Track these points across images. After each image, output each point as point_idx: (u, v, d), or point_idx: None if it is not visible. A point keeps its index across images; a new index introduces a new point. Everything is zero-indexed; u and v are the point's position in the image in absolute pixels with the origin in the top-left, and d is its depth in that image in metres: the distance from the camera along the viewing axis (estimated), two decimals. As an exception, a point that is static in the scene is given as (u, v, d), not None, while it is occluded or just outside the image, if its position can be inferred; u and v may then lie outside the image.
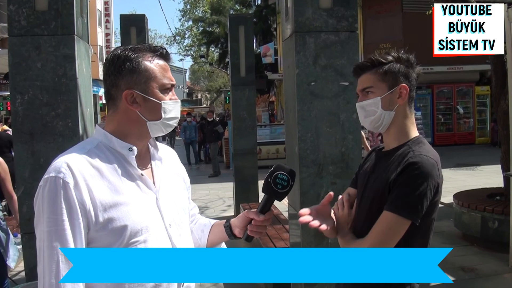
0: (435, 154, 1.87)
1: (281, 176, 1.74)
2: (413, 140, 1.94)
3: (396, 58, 1.96)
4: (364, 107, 2.00)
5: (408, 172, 1.80)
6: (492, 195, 7.28)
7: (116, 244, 1.50)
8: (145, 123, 1.63)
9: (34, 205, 1.53)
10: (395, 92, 1.94)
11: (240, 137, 9.19)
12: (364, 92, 1.99)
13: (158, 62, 1.64)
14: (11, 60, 3.58)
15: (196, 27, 33.62)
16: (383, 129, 2.00)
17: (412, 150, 1.87)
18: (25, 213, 3.61)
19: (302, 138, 3.72)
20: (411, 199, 1.78)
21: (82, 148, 1.60)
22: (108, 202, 1.51)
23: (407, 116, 1.98)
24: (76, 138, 3.63)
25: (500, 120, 7.02)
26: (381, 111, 1.95)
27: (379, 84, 1.95)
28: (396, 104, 1.95)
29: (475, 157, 16.40)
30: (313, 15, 3.70)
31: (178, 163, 1.90)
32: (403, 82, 1.94)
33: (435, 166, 1.81)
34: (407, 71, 1.95)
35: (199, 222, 1.99)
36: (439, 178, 1.83)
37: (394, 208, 1.80)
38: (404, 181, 1.80)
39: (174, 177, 1.81)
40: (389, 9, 20.11)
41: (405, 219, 1.78)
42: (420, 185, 1.77)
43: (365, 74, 1.98)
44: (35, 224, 1.52)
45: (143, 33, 8.82)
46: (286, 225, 6.01)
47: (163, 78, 1.63)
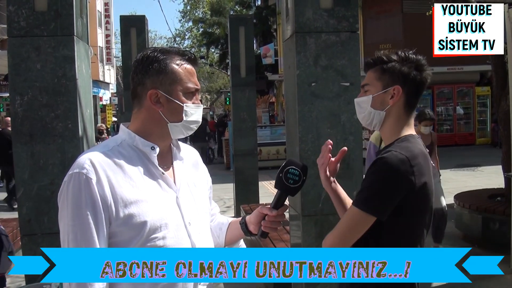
0: (412, 150, 1.81)
1: (292, 171, 1.75)
2: (401, 138, 1.90)
3: (402, 59, 1.91)
4: (359, 103, 2.01)
5: (373, 167, 1.80)
6: (493, 196, 7.26)
7: (135, 239, 1.56)
8: (166, 124, 1.68)
9: (58, 200, 1.58)
10: (388, 93, 1.91)
11: (240, 138, 9.18)
12: (363, 89, 2.00)
13: (186, 66, 1.70)
14: (10, 61, 3.56)
15: (196, 28, 33.68)
16: (376, 127, 1.99)
17: (393, 147, 1.85)
18: (24, 214, 3.60)
19: (303, 139, 3.71)
20: (372, 193, 1.78)
21: (105, 145, 1.66)
22: (129, 198, 1.56)
23: (401, 119, 1.94)
24: (75, 139, 3.62)
25: (501, 120, 7.01)
26: (370, 109, 1.94)
27: (375, 82, 1.94)
28: (387, 104, 1.91)
29: (475, 157, 16.38)
30: (313, 16, 3.69)
31: (200, 163, 1.94)
32: (400, 84, 1.90)
33: (404, 161, 1.76)
34: (409, 73, 1.90)
35: (217, 221, 2.04)
36: (413, 175, 1.77)
37: (355, 202, 1.81)
38: (367, 176, 1.82)
39: (195, 176, 1.85)
40: (389, 10, 20.11)
41: (366, 213, 1.77)
42: (382, 180, 1.76)
43: (368, 71, 1.98)
44: (59, 218, 1.57)
45: (143, 34, 8.82)
46: (286, 226, 5.99)
47: (188, 82, 1.69)
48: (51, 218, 3.51)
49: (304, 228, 3.73)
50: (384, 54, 1.95)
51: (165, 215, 1.62)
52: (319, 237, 3.65)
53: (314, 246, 3.71)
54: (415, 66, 1.91)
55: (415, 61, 1.92)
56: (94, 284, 1.50)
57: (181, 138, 1.79)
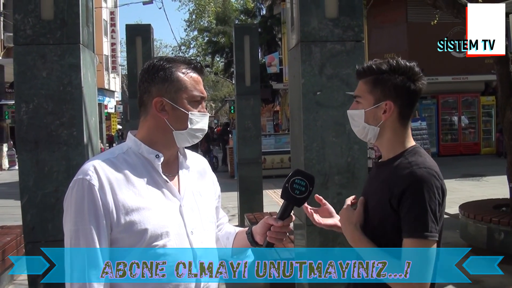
0: (432, 164, 1.78)
1: (298, 182, 1.74)
2: (409, 151, 1.84)
3: (393, 68, 1.82)
4: (351, 116, 1.94)
5: (413, 190, 1.70)
6: (498, 206, 7.23)
7: (136, 246, 1.57)
8: (172, 131, 1.69)
9: (64, 204, 1.61)
10: (380, 108, 1.83)
11: (244, 146, 9.17)
12: (355, 99, 1.92)
13: (191, 75, 1.71)
14: (16, 69, 3.58)
15: (201, 37, 33.73)
16: (372, 141, 1.93)
17: (409, 162, 1.78)
18: (29, 221, 3.59)
19: (308, 148, 3.70)
20: (427, 218, 1.68)
21: (111, 153, 1.69)
22: (130, 205, 1.58)
23: (398, 131, 1.87)
24: (80, 147, 3.62)
25: (506, 130, 6.99)
26: (364, 124, 1.87)
27: (366, 95, 1.86)
28: (380, 120, 1.85)
29: (480, 167, 16.31)
30: (319, 25, 3.69)
31: (208, 172, 1.94)
32: (391, 98, 1.82)
33: (435, 176, 1.73)
34: (403, 84, 1.81)
35: (225, 230, 2.05)
36: (444, 189, 1.76)
37: (416, 233, 1.68)
38: (411, 202, 1.70)
39: (201, 185, 1.85)
40: (394, 19, 20.14)
41: (433, 240, 1.68)
42: (428, 201, 1.68)
43: (360, 80, 1.91)
44: (63, 222, 1.60)
45: (148, 42, 8.85)
46: (291, 236, 5.98)
47: (194, 90, 1.70)
48: (55, 225, 3.51)
49: (308, 237, 3.71)
50: (375, 64, 1.85)
51: (166, 223, 1.62)
52: (323, 247, 3.63)
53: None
54: (408, 76, 1.82)
55: (408, 70, 1.82)
56: (93, 284, 1.52)
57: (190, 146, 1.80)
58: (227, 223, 2.10)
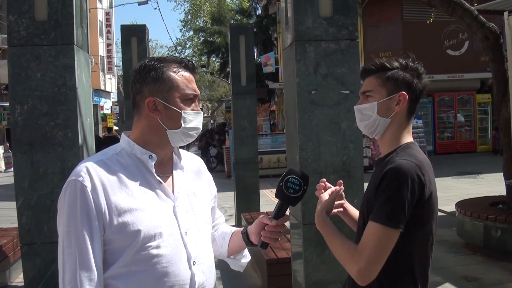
0: (419, 158, 1.81)
1: (292, 180, 1.73)
2: (402, 146, 1.90)
3: (403, 66, 1.92)
4: (361, 110, 1.98)
5: (387, 180, 1.74)
6: (495, 204, 7.25)
7: (129, 247, 1.56)
8: (165, 131, 1.69)
9: (58, 205, 1.61)
10: (393, 99, 1.90)
11: (241, 146, 9.17)
12: (364, 96, 1.97)
13: (183, 73, 1.70)
14: (10, 70, 3.56)
15: (197, 37, 33.72)
16: (378, 135, 1.96)
17: (397, 154, 1.84)
18: (24, 223, 3.58)
19: (303, 147, 3.70)
20: (393, 206, 1.70)
21: (104, 154, 1.68)
22: (123, 206, 1.57)
23: (403, 125, 1.94)
24: (75, 148, 3.61)
25: (502, 128, 7.00)
26: (376, 116, 1.92)
27: (379, 89, 1.92)
28: (393, 111, 1.91)
29: (477, 165, 16.35)
30: (313, 24, 3.69)
31: (204, 172, 1.94)
32: (404, 90, 1.90)
33: (415, 168, 1.74)
34: (411, 80, 1.91)
35: (221, 230, 2.05)
36: (425, 182, 1.75)
37: (377, 218, 1.72)
38: (384, 188, 1.74)
39: (196, 186, 1.84)
40: (389, 18, 20.16)
41: (393, 229, 1.70)
42: (399, 190, 1.70)
43: (368, 77, 1.96)
44: (57, 223, 1.60)
45: (144, 43, 8.85)
46: (287, 235, 5.98)
47: (186, 88, 1.69)
48: (50, 227, 3.50)
49: (305, 236, 3.71)
50: (386, 61, 1.95)
51: (160, 224, 1.61)
52: (320, 246, 3.63)
53: (315, 254, 3.70)
54: (416, 74, 1.93)
55: (415, 69, 1.93)
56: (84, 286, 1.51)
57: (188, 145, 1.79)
58: (224, 223, 2.10)
